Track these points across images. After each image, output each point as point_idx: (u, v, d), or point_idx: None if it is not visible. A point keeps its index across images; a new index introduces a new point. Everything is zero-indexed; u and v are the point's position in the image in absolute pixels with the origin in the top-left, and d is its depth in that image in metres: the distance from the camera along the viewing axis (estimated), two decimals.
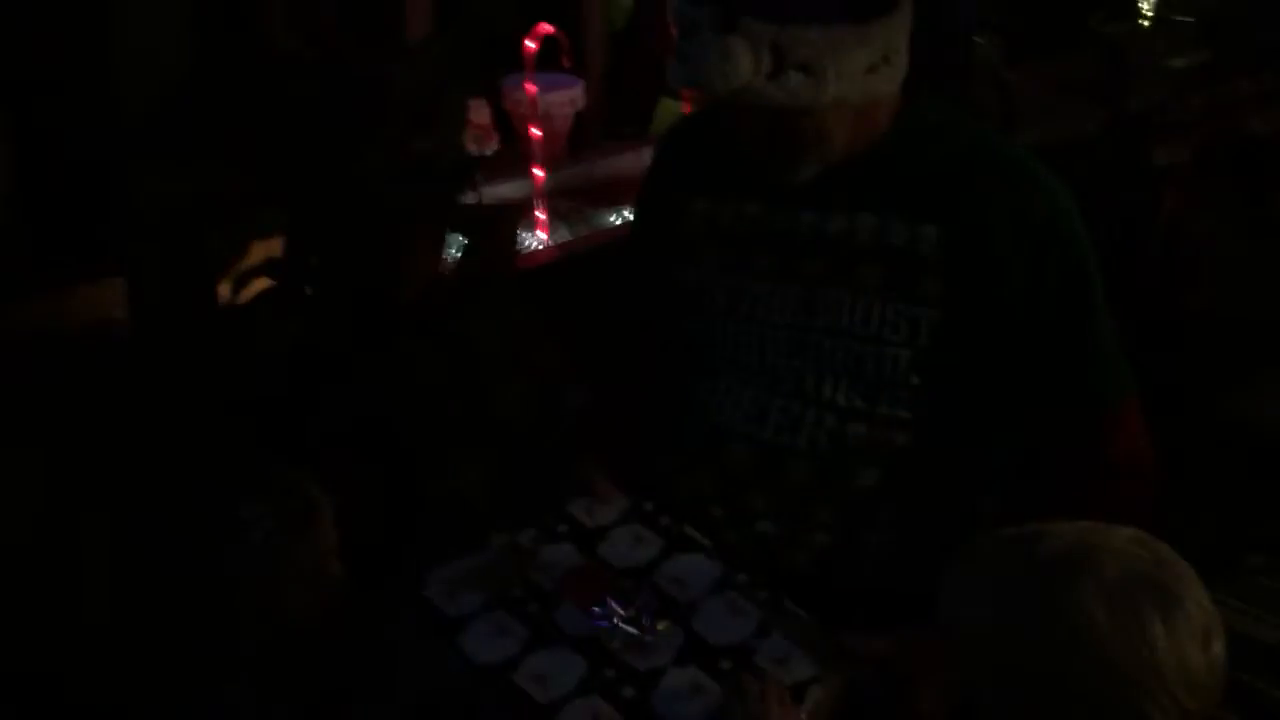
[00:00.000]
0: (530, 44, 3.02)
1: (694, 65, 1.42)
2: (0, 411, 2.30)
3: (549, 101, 3.25)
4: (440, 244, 2.45)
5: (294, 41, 2.33)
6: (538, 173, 3.09)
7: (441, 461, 2.33)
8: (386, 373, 2.28)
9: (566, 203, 3.25)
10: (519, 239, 2.79)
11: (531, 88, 3.06)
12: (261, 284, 2.35)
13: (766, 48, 1.40)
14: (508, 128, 3.28)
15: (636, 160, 3.41)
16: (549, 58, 3.16)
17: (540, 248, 3.05)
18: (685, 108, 3.30)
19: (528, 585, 1.53)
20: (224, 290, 2.39)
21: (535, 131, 3.08)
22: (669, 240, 1.67)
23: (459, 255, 2.53)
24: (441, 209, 2.40)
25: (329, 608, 1.48)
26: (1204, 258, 2.52)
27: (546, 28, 3.03)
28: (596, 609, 1.48)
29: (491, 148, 3.09)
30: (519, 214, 2.58)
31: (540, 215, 3.09)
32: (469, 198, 2.86)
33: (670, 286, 1.66)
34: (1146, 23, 3.50)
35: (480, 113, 3.05)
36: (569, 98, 3.35)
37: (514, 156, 3.21)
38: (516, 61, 3.08)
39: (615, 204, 3.22)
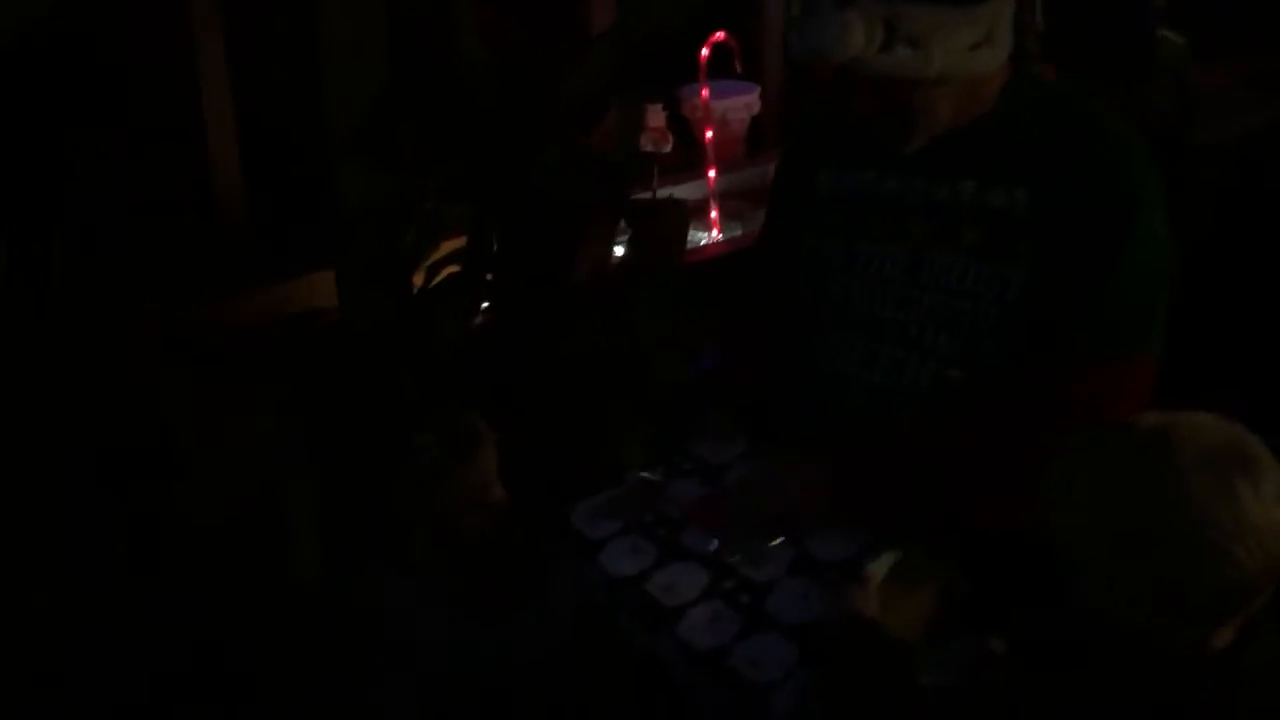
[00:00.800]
0: (705, 51, 3.22)
1: (815, 36, 1.59)
2: (232, 386, 2.63)
3: (725, 106, 3.46)
4: (610, 235, 2.67)
5: (477, 48, 2.58)
6: (711, 174, 3.29)
7: (603, 434, 2.55)
8: (557, 348, 2.52)
9: (739, 203, 3.43)
10: (689, 234, 3.00)
11: (706, 93, 3.27)
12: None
13: (879, 22, 1.57)
14: (687, 132, 3.49)
15: None
16: (726, 64, 3.35)
17: (710, 243, 3.24)
18: None
19: (658, 514, 1.73)
20: (419, 280, 2.68)
21: (709, 134, 3.28)
22: (797, 209, 1.85)
23: (628, 245, 2.74)
24: (610, 202, 2.61)
25: (492, 528, 1.70)
26: None
27: (719, 35, 3.22)
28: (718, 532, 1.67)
29: (666, 148, 3.29)
30: (686, 209, 2.78)
31: (714, 213, 3.28)
32: (645, 195, 3.11)
33: (796, 250, 1.84)
34: None
35: (656, 116, 3.27)
36: (744, 103, 3.54)
37: (692, 158, 3.42)
38: (696, 68, 3.29)
39: None
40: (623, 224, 2.75)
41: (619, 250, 2.81)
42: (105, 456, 2.38)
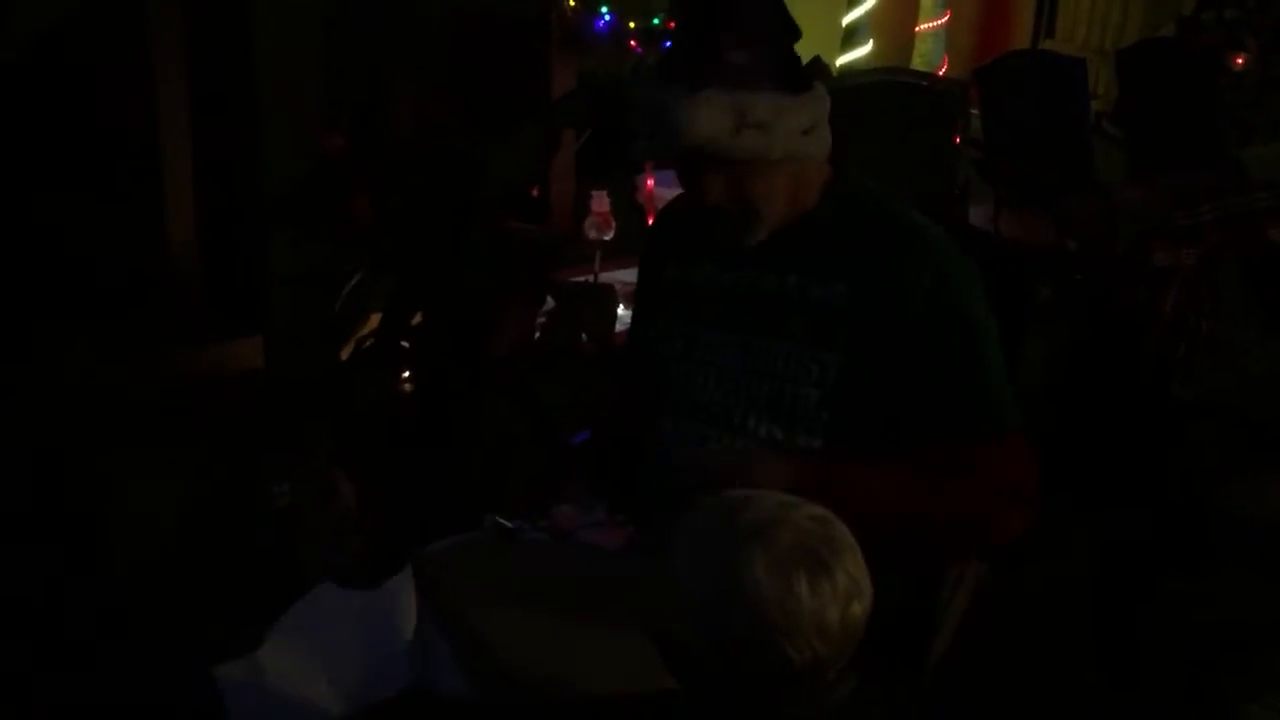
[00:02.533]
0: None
1: (668, 123, 1.71)
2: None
3: (672, 195, 3.56)
4: (532, 315, 2.76)
5: (410, 130, 2.69)
6: None
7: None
8: (469, 422, 2.61)
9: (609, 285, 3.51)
10: (622, 317, 3.10)
11: (650, 182, 3.38)
12: None
13: (729, 110, 1.70)
14: (641, 219, 3.60)
15: None
16: None
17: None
18: None
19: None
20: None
21: (651, 221, 3.39)
22: (650, 299, 1.96)
23: (545, 326, 2.84)
24: (532, 283, 2.71)
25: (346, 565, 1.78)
26: (1194, 352, 2.62)
27: None
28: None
29: (609, 234, 3.40)
30: (614, 294, 2.88)
31: None
32: (585, 278, 3.21)
33: (647, 340, 1.95)
34: None
35: (601, 202, 3.38)
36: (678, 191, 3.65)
37: (638, 245, 3.52)
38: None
39: None
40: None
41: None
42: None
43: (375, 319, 2.78)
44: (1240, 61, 4.43)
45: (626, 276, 3.47)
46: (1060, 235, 3.21)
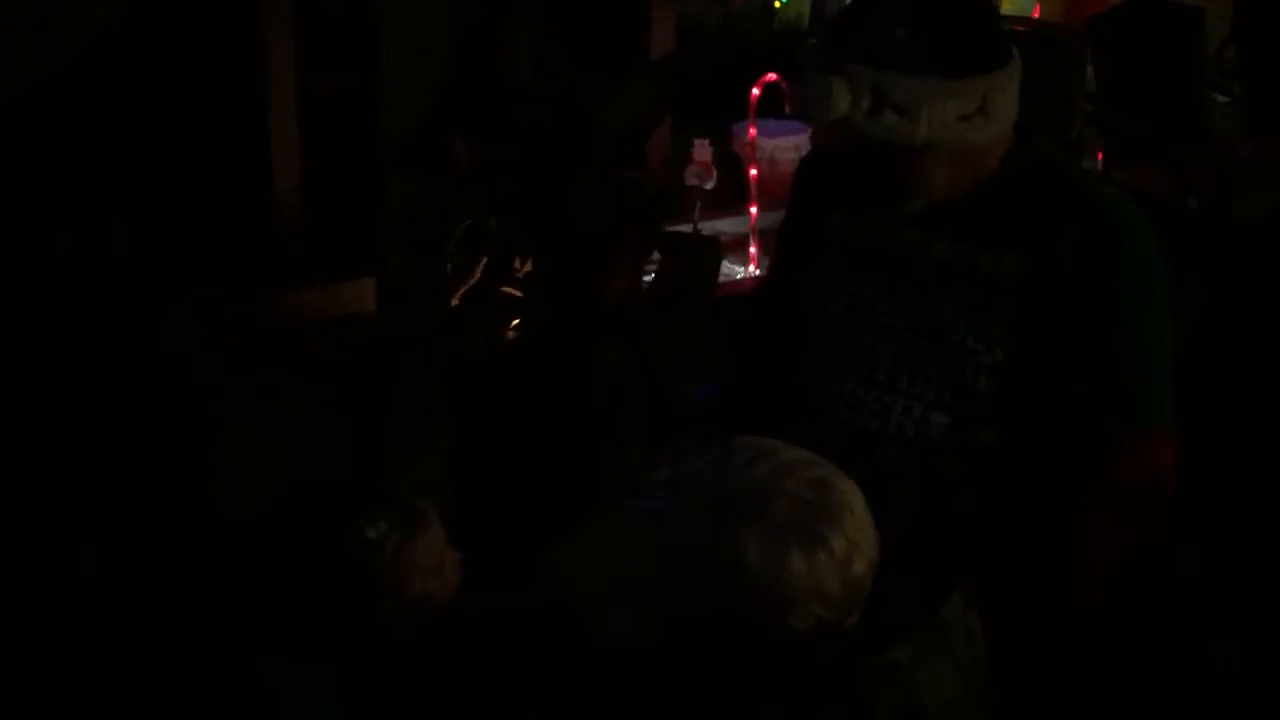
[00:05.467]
0: (755, 91, 3.30)
1: (802, 98, 1.67)
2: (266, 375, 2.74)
3: (775, 145, 3.53)
4: (640, 266, 2.75)
5: (529, 74, 2.67)
6: (753, 210, 3.36)
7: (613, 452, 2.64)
8: (578, 371, 2.61)
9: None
10: (726, 269, 3.08)
11: (753, 131, 3.34)
12: None
13: (867, 88, 1.64)
14: (737, 168, 3.56)
15: None
16: (777, 104, 3.42)
17: (746, 277, 3.30)
18: None
19: None
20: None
21: (753, 172, 3.35)
22: (805, 249, 1.92)
23: (654, 277, 2.83)
24: (641, 233, 2.70)
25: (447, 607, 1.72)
26: None
27: (771, 76, 3.30)
28: None
29: (710, 184, 3.37)
30: (719, 246, 2.86)
31: (752, 249, 3.35)
32: (684, 228, 3.19)
33: (800, 288, 1.91)
34: None
35: (703, 151, 3.36)
36: (794, 144, 3.60)
37: (739, 194, 3.49)
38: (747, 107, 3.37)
39: None
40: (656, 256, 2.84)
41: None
42: (138, 413, 2.48)
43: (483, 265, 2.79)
44: None
45: (726, 227, 3.46)
46: (1179, 191, 3.14)
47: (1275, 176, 3.23)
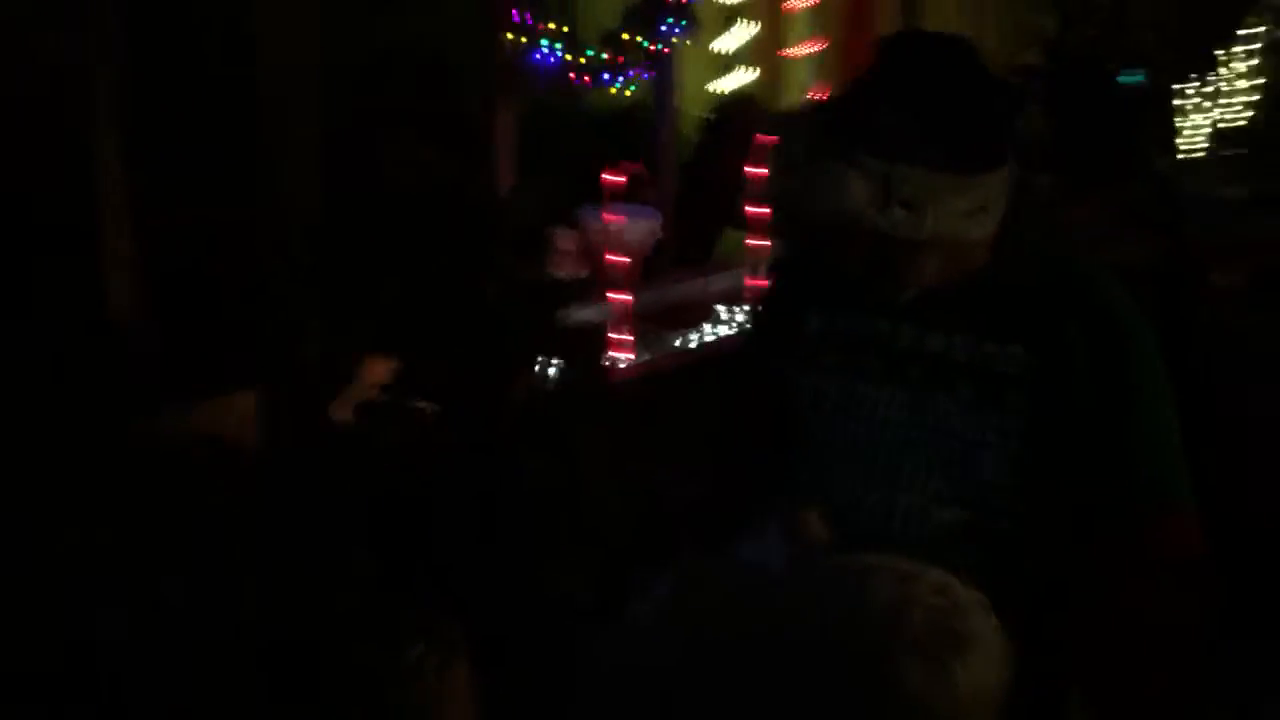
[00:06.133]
0: (620, 179, 3.28)
1: (818, 190, 1.64)
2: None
3: (632, 230, 3.50)
4: (537, 361, 2.67)
5: (409, 179, 2.56)
6: (622, 297, 3.32)
7: (550, 566, 2.53)
8: (497, 477, 2.49)
9: (645, 325, 3.46)
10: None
11: (610, 218, 3.31)
12: None
13: (879, 181, 1.63)
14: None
15: (703, 286, 3.66)
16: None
17: (627, 365, 3.25)
18: (750, 238, 3.57)
19: None
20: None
21: (616, 259, 3.32)
22: (786, 349, 1.87)
23: (556, 370, 2.75)
24: (546, 327, 2.62)
25: None
26: (1252, 368, 2.72)
27: (633, 165, 3.28)
28: None
29: (579, 274, 3.31)
30: (604, 335, 2.80)
31: (626, 337, 3.30)
32: None
33: (783, 390, 1.86)
34: (1202, 153, 3.71)
35: (566, 240, 3.30)
36: (650, 228, 3.59)
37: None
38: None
39: (687, 325, 3.46)
40: None
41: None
42: None
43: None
44: None
45: (589, 315, 3.40)
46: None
47: (1101, 234, 3.42)
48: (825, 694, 1.27)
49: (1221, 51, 6.59)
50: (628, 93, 3.51)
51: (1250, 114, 6.36)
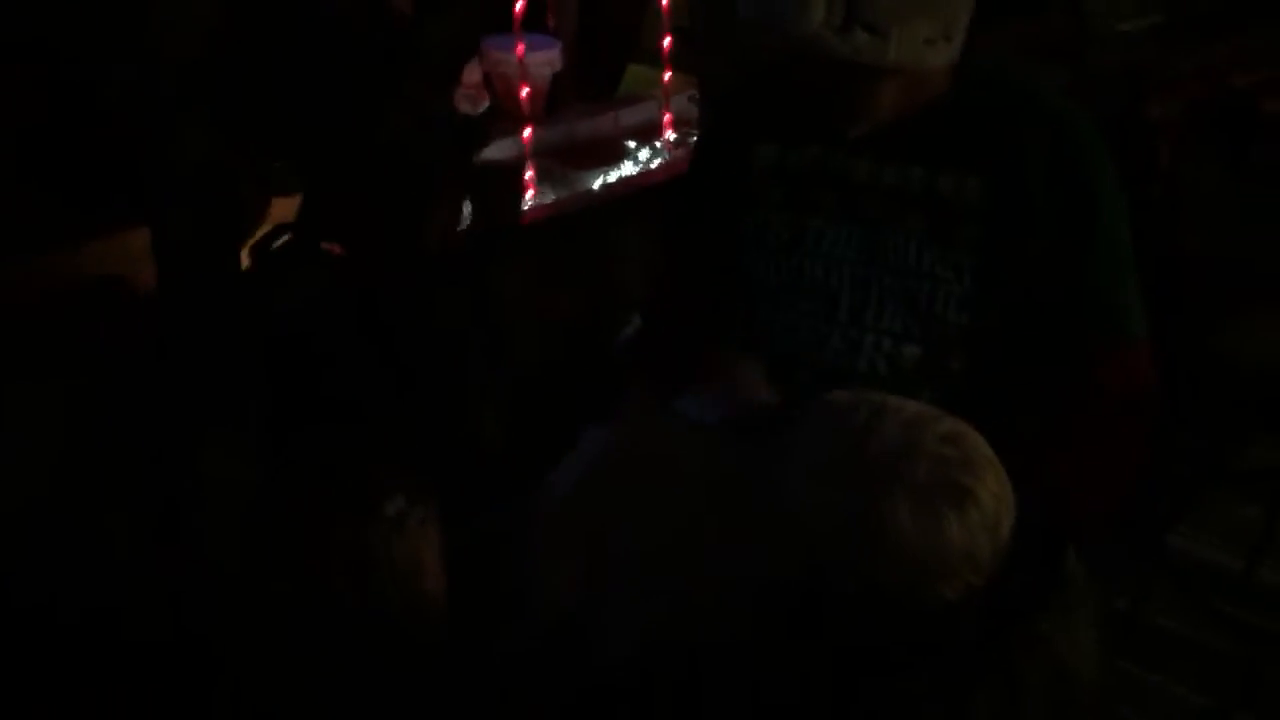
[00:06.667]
0: (518, 4, 3.10)
1: (773, 7, 1.53)
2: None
3: (529, 62, 3.33)
4: (459, 199, 2.54)
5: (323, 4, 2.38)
6: (528, 133, 3.17)
7: (461, 401, 2.44)
8: (412, 320, 2.38)
9: (549, 162, 3.33)
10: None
11: (521, 48, 3.15)
12: None
13: (840, 3, 1.52)
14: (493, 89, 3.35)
15: (612, 123, 3.53)
16: (529, 19, 3.23)
17: (540, 205, 3.12)
18: (666, 74, 3.43)
19: None
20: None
21: (525, 91, 3.17)
22: (731, 184, 1.79)
23: (471, 210, 2.62)
24: (460, 165, 2.48)
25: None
26: (1197, 204, 2.73)
27: None
28: None
29: (483, 107, 3.16)
30: (522, 173, 2.68)
31: (529, 174, 3.17)
32: None
33: (731, 227, 1.78)
34: None
35: (472, 73, 3.12)
36: (548, 59, 3.43)
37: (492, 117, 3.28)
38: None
39: (598, 165, 3.32)
40: None
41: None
42: None
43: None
44: None
45: (495, 152, 3.25)
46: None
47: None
48: (813, 532, 1.22)
49: None
50: None
51: None
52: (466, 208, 2.62)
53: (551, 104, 3.57)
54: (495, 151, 3.25)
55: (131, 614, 2.18)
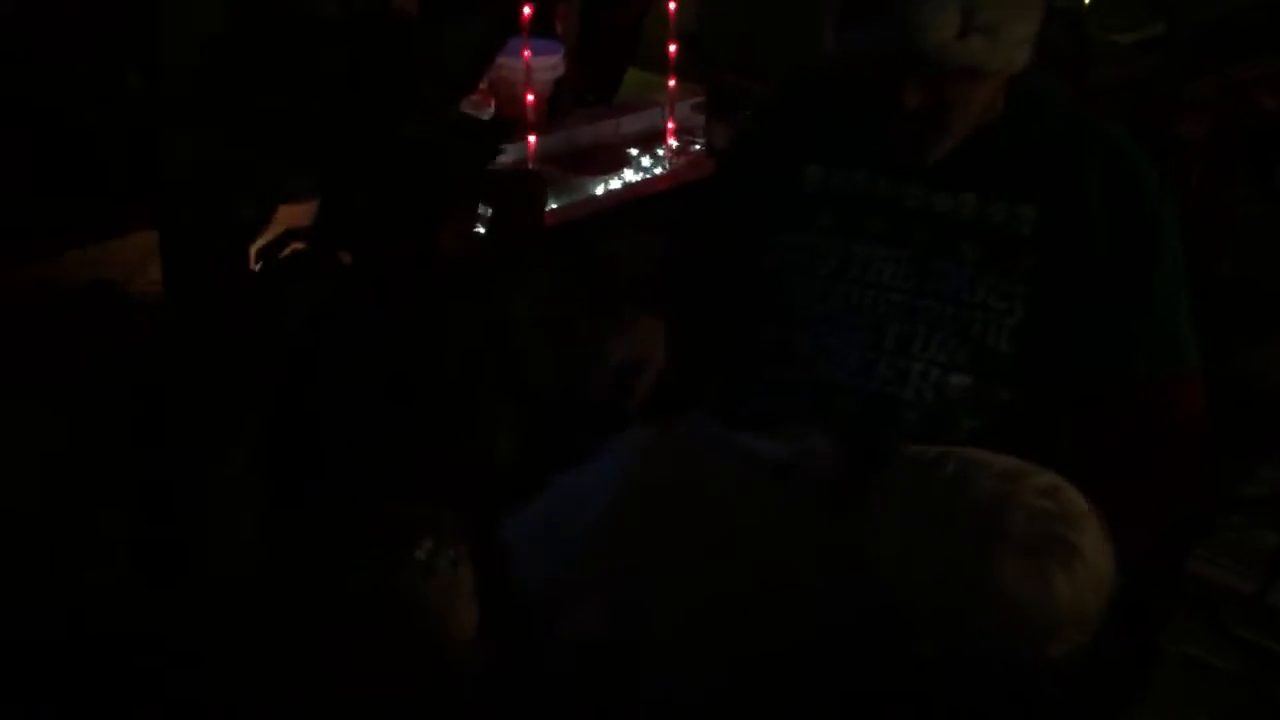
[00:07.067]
0: (526, 10, 3.05)
1: (904, 23, 1.50)
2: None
3: (533, 67, 3.28)
4: (474, 207, 2.48)
5: (333, 7, 2.31)
6: (532, 139, 3.12)
7: (473, 425, 2.38)
8: (423, 333, 2.32)
9: (552, 169, 3.28)
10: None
11: (527, 53, 3.10)
12: None
13: (957, 8, 1.51)
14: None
15: (614, 129, 3.48)
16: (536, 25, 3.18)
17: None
18: (671, 81, 3.39)
19: None
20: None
21: (530, 98, 3.12)
22: (776, 204, 1.75)
23: (489, 219, 2.56)
24: (478, 172, 2.42)
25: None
26: (1227, 227, 2.71)
27: None
28: None
29: (489, 113, 3.11)
30: (544, 180, 2.62)
31: None
32: None
33: (772, 248, 1.74)
34: None
35: None
36: (550, 64, 3.38)
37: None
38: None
39: (602, 171, 3.28)
40: None
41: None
42: None
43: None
44: None
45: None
46: None
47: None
48: (907, 578, 1.17)
49: None
50: None
51: None
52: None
53: (553, 110, 3.53)
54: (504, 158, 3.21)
55: (126, 636, 2.12)
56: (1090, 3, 3.78)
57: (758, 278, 1.77)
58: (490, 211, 2.55)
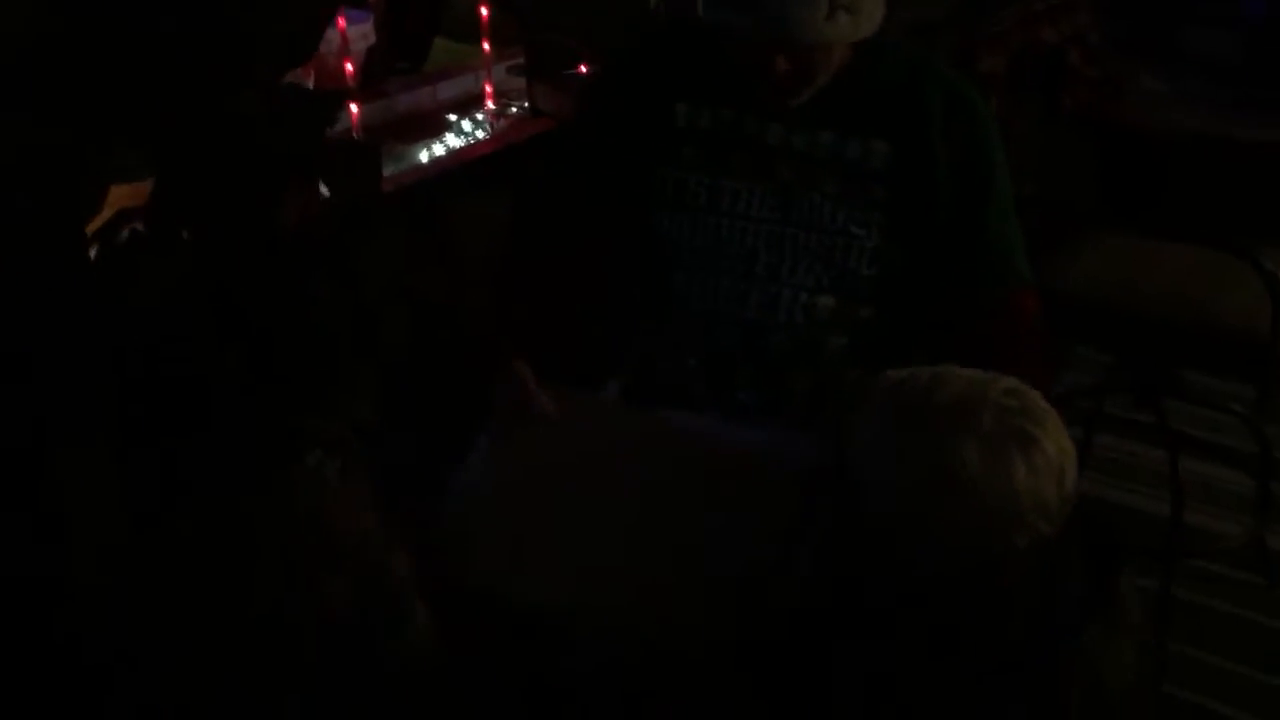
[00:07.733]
0: None
1: (775, 14, 1.62)
2: None
3: (349, 36, 3.25)
4: (314, 179, 2.47)
5: None
6: (355, 109, 3.11)
7: (334, 390, 2.38)
8: (275, 305, 2.30)
9: (375, 138, 3.26)
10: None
11: (342, 22, 3.07)
12: None
13: None
14: None
15: (431, 95, 3.49)
16: None
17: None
18: (485, 45, 3.41)
19: None
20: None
21: (349, 66, 3.10)
22: (646, 141, 1.82)
23: (328, 189, 2.55)
24: (314, 143, 2.41)
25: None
26: (1027, 151, 2.89)
27: None
28: None
29: (309, 84, 3.07)
30: (379, 148, 2.62)
31: None
32: None
33: (642, 183, 1.81)
34: None
35: None
36: (363, 32, 3.37)
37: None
38: None
39: (424, 137, 3.28)
40: None
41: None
42: None
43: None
44: None
45: None
46: None
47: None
48: (885, 476, 1.25)
49: None
50: None
51: None
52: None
53: (366, 79, 3.50)
54: None
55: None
56: None
57: (628, 220, 1.84)
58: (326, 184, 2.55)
